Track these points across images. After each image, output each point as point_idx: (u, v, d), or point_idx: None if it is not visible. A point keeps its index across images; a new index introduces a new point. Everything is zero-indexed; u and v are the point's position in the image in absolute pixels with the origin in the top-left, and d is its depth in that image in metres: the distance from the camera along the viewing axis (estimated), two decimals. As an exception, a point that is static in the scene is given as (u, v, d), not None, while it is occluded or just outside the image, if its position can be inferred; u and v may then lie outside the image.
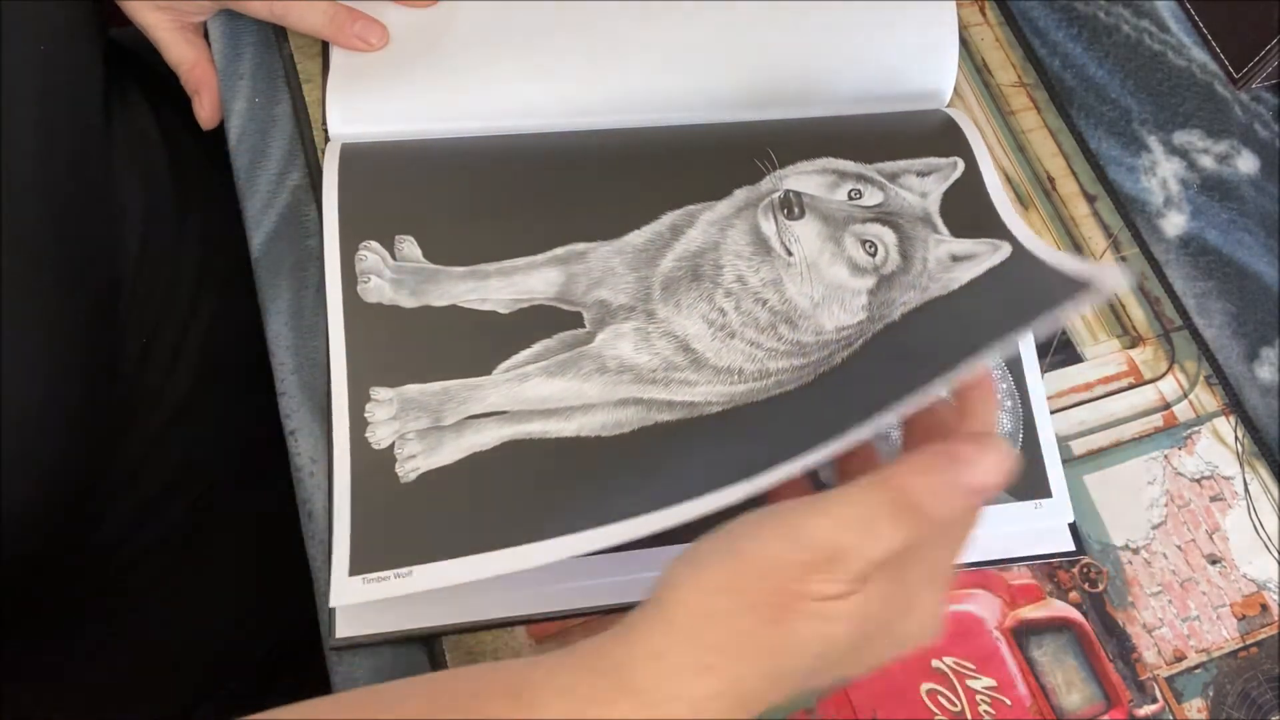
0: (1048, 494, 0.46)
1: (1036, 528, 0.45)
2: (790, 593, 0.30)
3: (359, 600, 0.41)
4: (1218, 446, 0.49)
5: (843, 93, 0.53)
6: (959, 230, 0.48)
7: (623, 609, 0.43)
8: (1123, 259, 0.53)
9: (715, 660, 0.30)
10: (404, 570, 0.40)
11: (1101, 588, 0.45)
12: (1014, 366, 0.48)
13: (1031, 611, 0.45)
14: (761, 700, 0.31)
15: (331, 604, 0.41)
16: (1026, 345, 0.48)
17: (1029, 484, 0.46)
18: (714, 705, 0.30)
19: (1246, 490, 0.48)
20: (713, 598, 0.31)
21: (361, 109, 0.50)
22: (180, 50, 0.55)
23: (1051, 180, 0.54)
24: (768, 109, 0.52)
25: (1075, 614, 0.45)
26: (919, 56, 0.53)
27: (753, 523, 0.32)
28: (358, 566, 0.41)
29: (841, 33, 0.53)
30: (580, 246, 0.47)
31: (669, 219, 0.48)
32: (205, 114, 0.55)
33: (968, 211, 0.50)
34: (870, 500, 0.31)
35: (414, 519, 0.42)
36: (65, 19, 0.51)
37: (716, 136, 0.51)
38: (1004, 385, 0.48)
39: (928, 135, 0.52)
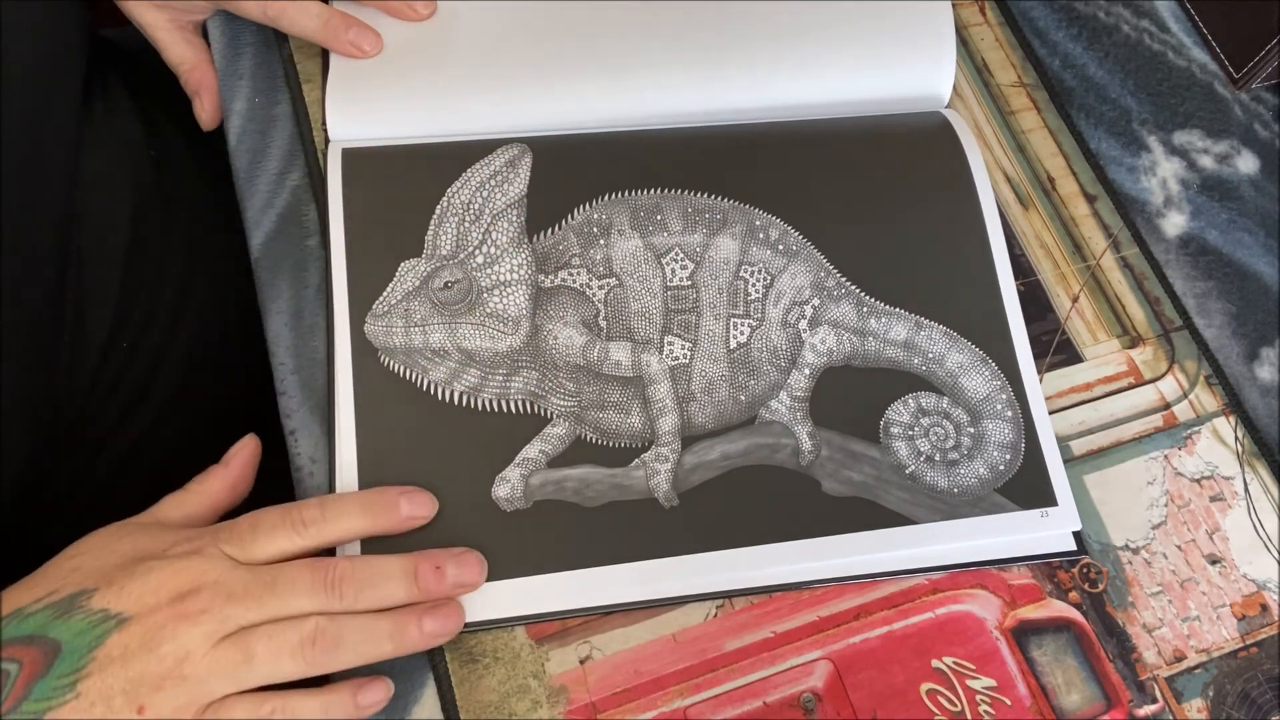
0: (1053, 502, 0.46)
1: (1043, 536, 0.45)
2: None
3: None
4: (1218, 446, 0.49)
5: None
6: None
7: (622, 609, 0.43)
8: (1123, 259, 0.53)
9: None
10: None
11: (1101, 588, 0.45)
12: (1013, 375, 0.48)
13: (1031, 611, 0.45)
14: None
15: None
16: (1024, 353, 0.48)
17: (1033, 492, 0.46)
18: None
19: (1246, 490, 0.48)
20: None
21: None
22: (179, 50, 0.55)
23: (1051, 180, 0.54)
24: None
25: (1075, 614, 0.45)
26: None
27: None
28: None
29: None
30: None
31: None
32: (206, 115, 0.55)
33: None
34: None
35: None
36: (39, 13, 0.50)
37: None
38: (1004, 395, 0.47)
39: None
